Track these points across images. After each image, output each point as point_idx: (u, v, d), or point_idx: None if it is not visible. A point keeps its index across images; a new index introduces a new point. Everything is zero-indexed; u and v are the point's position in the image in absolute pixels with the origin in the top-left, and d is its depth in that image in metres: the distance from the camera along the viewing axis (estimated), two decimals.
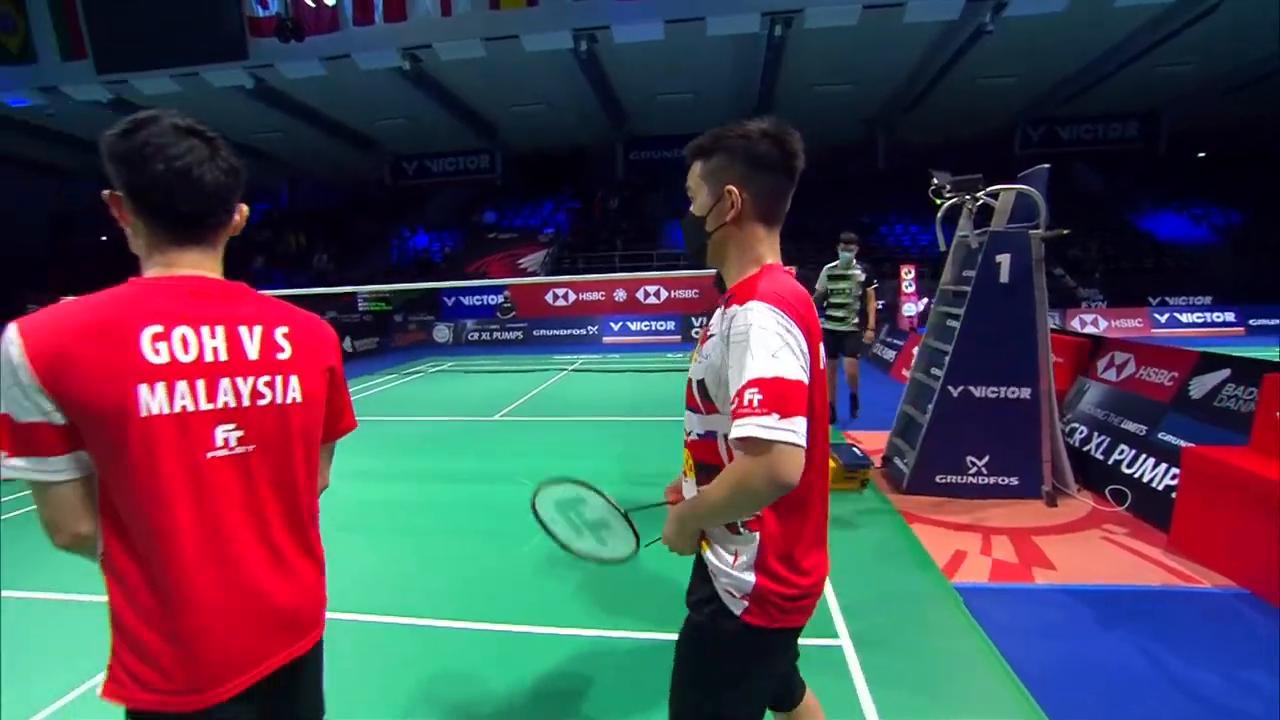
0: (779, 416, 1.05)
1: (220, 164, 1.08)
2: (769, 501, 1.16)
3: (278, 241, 21.50)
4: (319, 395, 1.20)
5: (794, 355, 1.11)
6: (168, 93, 14.62)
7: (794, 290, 1.21)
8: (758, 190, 1.24)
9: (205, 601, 1.05)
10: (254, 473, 1.10)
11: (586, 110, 19.24)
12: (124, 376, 0.97)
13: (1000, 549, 3.60)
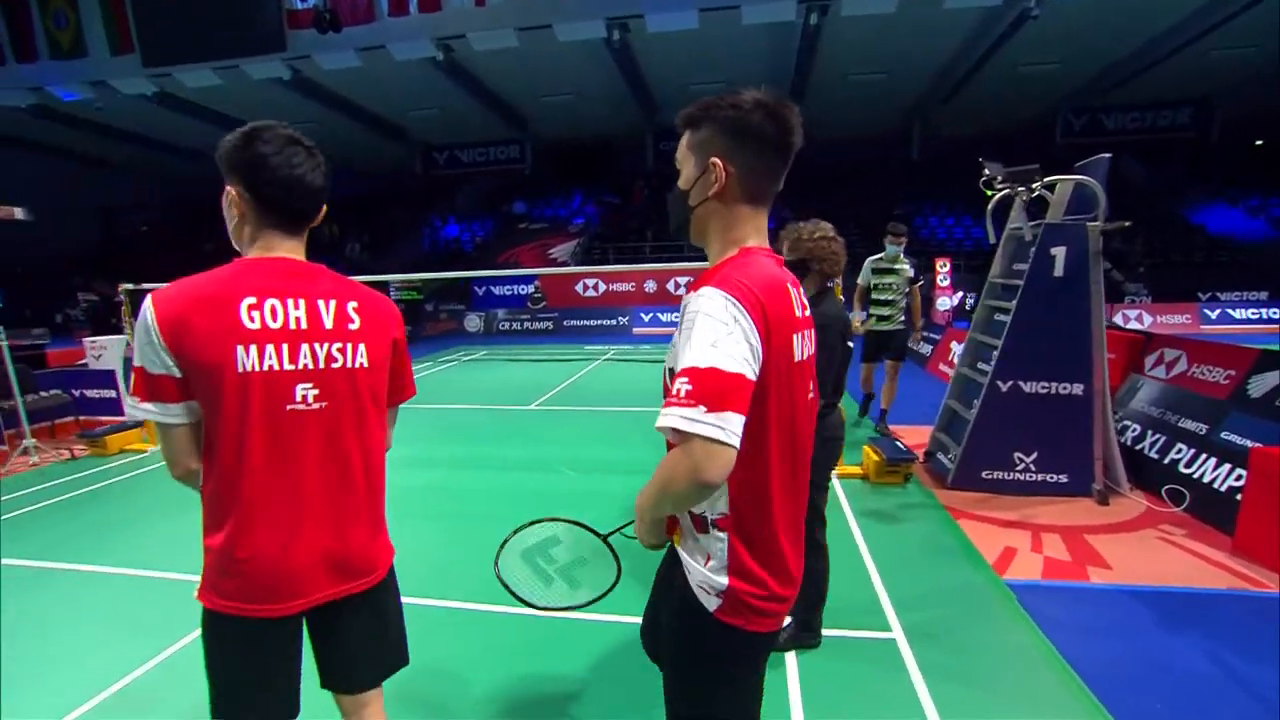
0: (705, 409, 0.97)
1: (321, 169, 1.32)
2: (694, 499, 1.10)
3: (312, 231, 21.90)
4: (383, 362, 1.37)
5: (737, 346, 1.01)
6: (209, 85, 14.97)
7: (765, 278, 1.10)
8: (745, 165, 1.13)
9: (269, 532, 1.24)
10: (325, 427, 1.28)
11: (618, 101, 19.16)
12: (226, 338, 1.17)
13: (1052, 547, 3.52)
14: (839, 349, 2.41)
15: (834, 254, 2.50)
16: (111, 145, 20.42)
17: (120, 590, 3.33)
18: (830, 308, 2.47)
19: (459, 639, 2.84)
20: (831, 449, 2.53)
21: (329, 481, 1.29)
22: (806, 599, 2.62)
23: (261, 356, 1.20)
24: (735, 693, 1.29)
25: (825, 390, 2.41)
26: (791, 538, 1.23)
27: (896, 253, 5.66)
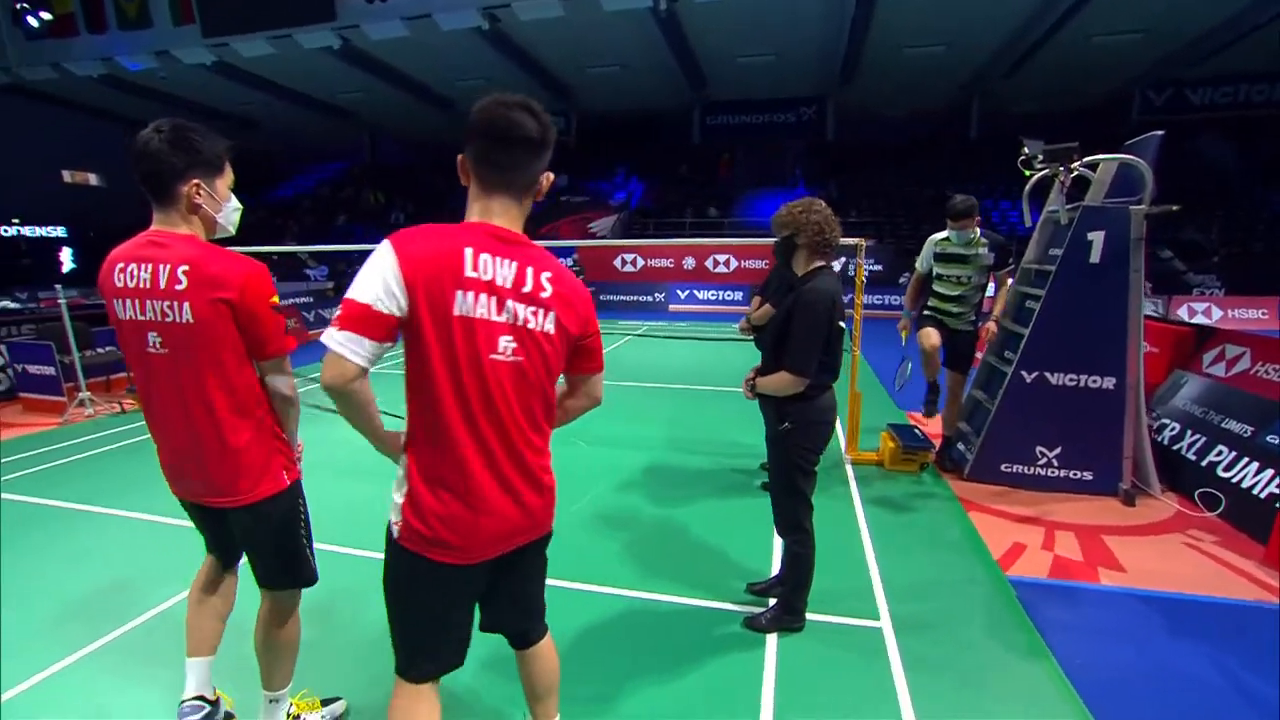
0: (336, 329, 1.23)
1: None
2: (334, 401, 1.31)
3: (359, 198, 22.44)
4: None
5: (373, 284, 1.23)
6: (263, 54, 15.35)
7: (441, 237, 1.29)
8: (471, 158, 1.35)
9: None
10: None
11: (664, 73, 18.82)
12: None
13: (1064, 545, 3.39)
14: (820, 328, 2.34)
15: (813, 225, 2.43)
16: (173, 114, 21.23)
17: (160, 534, 3.56)
18: (818, 283, 2.40)
19: None
20: (816, 433, 2.48)
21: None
22: (789, 582, 2.62)
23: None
24: (408, 616, 1.45)
25: (798, 365, 2.37)
26: (485, 487, 1.35)
27: (969, 238, 4.23)
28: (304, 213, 22.23)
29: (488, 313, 1.29)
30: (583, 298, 1.45)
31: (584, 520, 3.76)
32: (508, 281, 1.31)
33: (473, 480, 1.33)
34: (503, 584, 1.53)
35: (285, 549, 1.84)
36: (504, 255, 1.32)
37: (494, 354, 1.31)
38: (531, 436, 1.41)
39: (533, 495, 1.43)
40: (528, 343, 1.34)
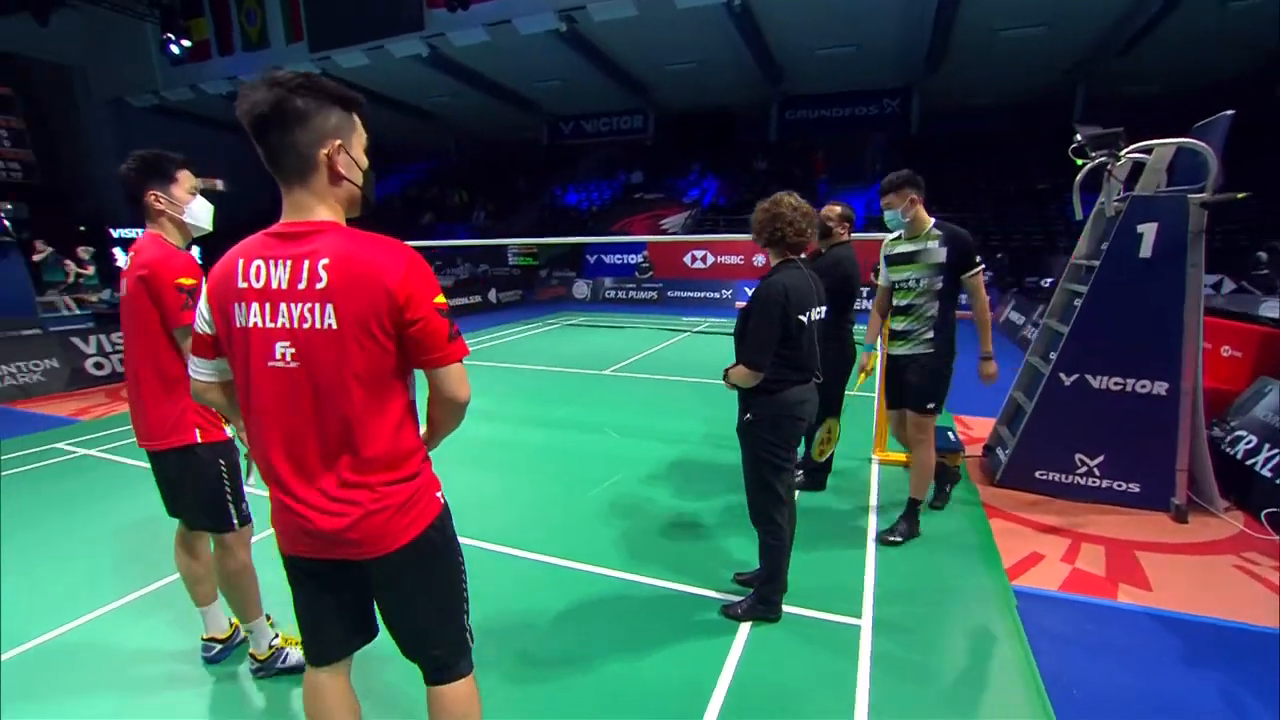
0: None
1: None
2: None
3: (444, 197, 23.65)
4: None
5: (200, 308, 1.42)
6: (358, 65, 16.51)
7: (228, 254, 1.34)
8: None
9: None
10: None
11: (740, 68, 18.59)
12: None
13: (1088, 558, 3.18)
14: (772, 322, 2.37)
15: (759, 223, 2.44)
16: None
17: None
18: (776, 277, 2.41)
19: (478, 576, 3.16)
20: (781, 427, 2.48)
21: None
22: (762, 573, 2.64)
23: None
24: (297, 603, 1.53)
25: (750, 358, 2.41)
26: (290, 487, 1.36)
27: (901, 222, 3.25)
28: (394, 212, 23.69)
29: (260, 320, 1.28)
30: (377, 278, 1.26)
31: (595, 505, 3.90)
32: (282, 283, 1.27)
33: (278, 480, 1.37)
34: (381, 601, 1.53)
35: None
36: (278, 256, 1.28)
37: (271, 361, 1.29)
38: (350, 433, 1.32)
39: (332, 513, 1.35)
40: (307, 345, 1.28)
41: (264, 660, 2.31)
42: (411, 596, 1.49)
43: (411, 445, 1.43)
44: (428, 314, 1.31)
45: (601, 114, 23.88)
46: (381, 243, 1.31)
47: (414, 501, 1.43)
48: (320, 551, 1.41)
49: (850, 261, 3.73)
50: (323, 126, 1.30)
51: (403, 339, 1.32)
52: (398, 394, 1.38)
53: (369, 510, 1.36)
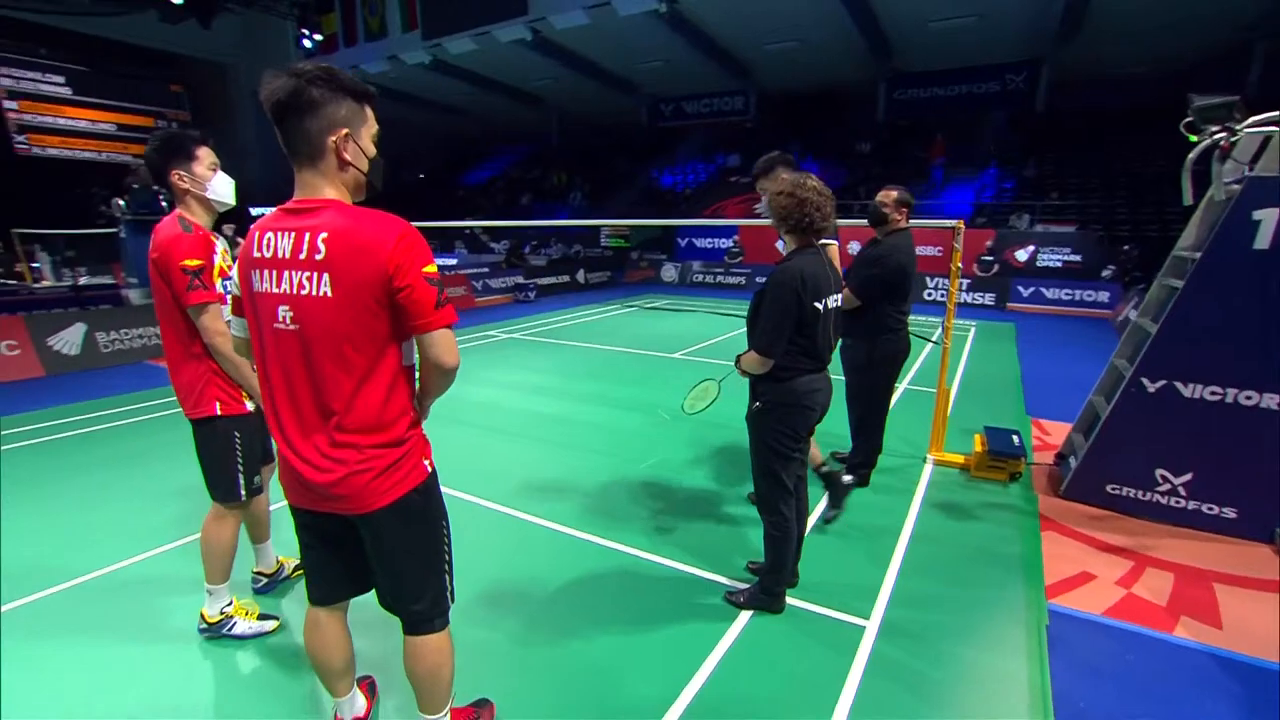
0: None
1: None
2: None
3: (544, 179, 24.34)
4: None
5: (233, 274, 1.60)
6: (467, 51, 17.30)
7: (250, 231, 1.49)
8: None
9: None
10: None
11: (845, 45, 17.68)
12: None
13: (1150, 585, 2.85)
14: (785, 309, 2.28)
15: (783, 209, 2.33)
16: (398, 107, 24.69)
17: None
18: (791, 264, 2.31)
19: (508, 542, 3.35)
20: (790, 416, 2.41)
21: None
22: (765, 564, 2.60)
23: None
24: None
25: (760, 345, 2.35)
26: (291, 440, 1.52)
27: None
28: (496, 192, 24.71)
29: (269, 286, 1.43)
30: (373, 250, 1.37)
31: (631, 483, 3.96)
32: (286, 253, 1.41)
33: (282, 435, 1.53)
34: (370, 552, 1.64)
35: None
36: (286, 228, 1.42)
37: (275, 324, 1.44)
38: (335, 404, 1.45)
39: (323, 467, 1.49)
40: (304, 310, 1.41)
41: (212, 624, 2.45)
42: (393, 554, 1.63)
43: (399, 412, 1.54)
44: (414, 281, 1.41)
45: (702, 95, 23.56)
46: (376, 217, 1.42)
47: (398, 466, 1.54)
48: (314, 504, 1.57)
49: (904, 250, 3.52)
50: (333, 115, 1.41)
51: (393, 305, 1.43)
52: (388, 361, 1.49)
53: (354, 469, 1.49)
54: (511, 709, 2.11)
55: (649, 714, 2.09)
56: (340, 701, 1.90)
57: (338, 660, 1.81)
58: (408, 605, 1.69)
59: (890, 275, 3.49)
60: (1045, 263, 13.35)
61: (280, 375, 1.49)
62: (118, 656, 2.38)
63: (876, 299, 3.55)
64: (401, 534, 1.61)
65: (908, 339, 3.71)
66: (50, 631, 2.52)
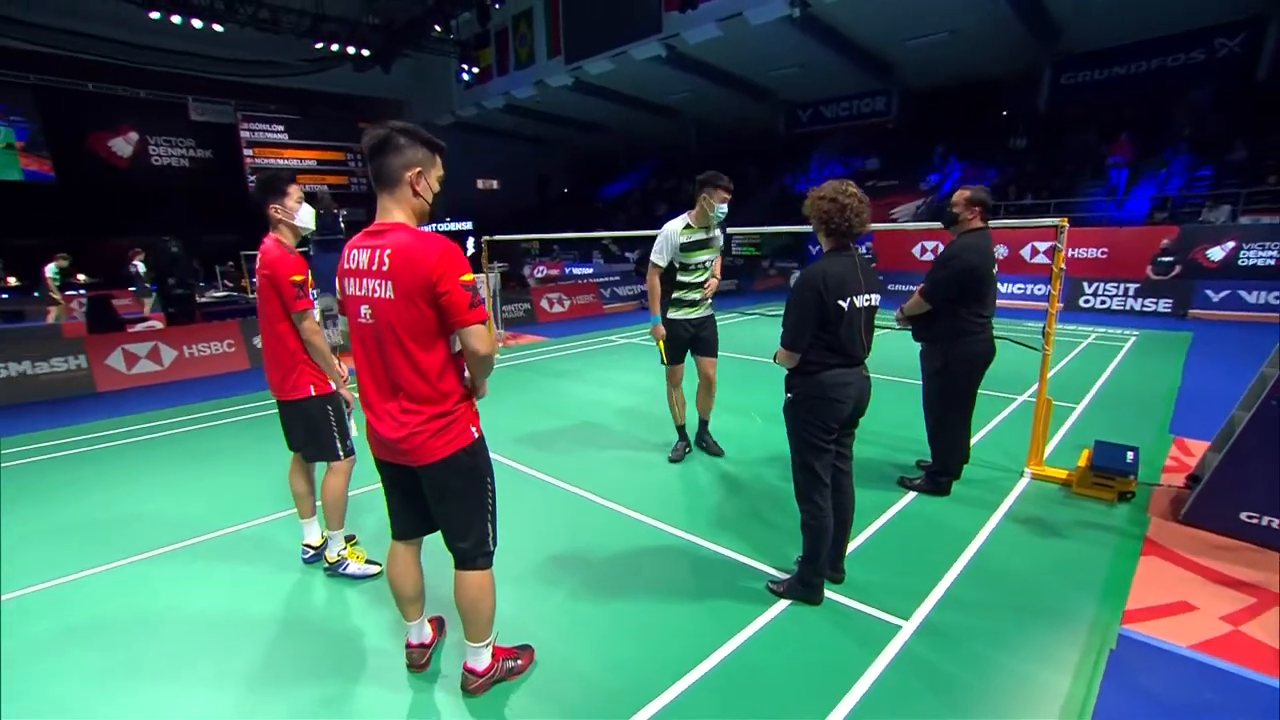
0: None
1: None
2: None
3: (678, 190, 24.86)
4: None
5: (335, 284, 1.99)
6: (605, 71, 18.26)
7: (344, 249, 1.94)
8: None
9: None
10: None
11: (1000, 31, 16.25)
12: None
13: (1269, 625, 2.49)
14: (807, 305, 2.40)
15: (824, 214, 2.40)
16: (544, 127, 26.53)
17: None
18: (819, 264, 2.43)
19: (573, 520, 3.69)
20: (821, 409, 2.47)
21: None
22: (803, 553, 2.66)
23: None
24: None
25: (786, 340, 2.50)
26: (372, 405, 1.95)
27: (724, 215, 3.96)
28: (632, 204, 25.65)
29: (355, 290, 1.88)
30: (421, 263, 1.76)
31: (702, 478, 4.12)
32: (363, 264, 1.85)
33: (367, 401, 1.97)
34: (429, 498, 2.04)
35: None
36: (366, 246, 1.86)
37: (359, 319, 1.89)
38: (400, 380, 1.87)
39: (394, 427, 1.90)
40: (376, 308, 1.84)
41: (332, 563, 3.00)
42: (444, 499, 2.03)
43: (449, 389, 1.94)
44: (452, 288, 1.81)
45: (840, 98, 22.81)
46: (428, 238, 1.84)
47: (447, 429, 1.94)
48: (390, 456, 2.01)
49: (974, 250, 3.37)
50: (411, 158, 1.86)
51: (437, 307, 1.84)
52: (439, 350, 1.90)
53: (414, 430, 1.91)
54: (554, 648, 2.41)
55: (672, 668, 2.29)
56: (411, 625, 2.33)
57: (410, 588, 2.23)
58: (456, 543, 2.07)
59: (958, 277, 3.36)
60: (1249, 260, 11.31)
61: (364, 358, 1.95)
62: (263, 578, 3.02)
63: (946, 301, 3.43)
64: (451, 484, 2.00)
65: (990, 342, 3.52)
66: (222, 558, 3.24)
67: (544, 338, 9.97)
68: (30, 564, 3.21)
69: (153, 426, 5.67)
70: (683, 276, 4.10)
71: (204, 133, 21.28)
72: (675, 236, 4.01)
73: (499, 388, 6.84)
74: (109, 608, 2.82)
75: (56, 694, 2.27)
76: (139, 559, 3.24)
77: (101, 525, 3.66)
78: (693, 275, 4.11)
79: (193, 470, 4.53)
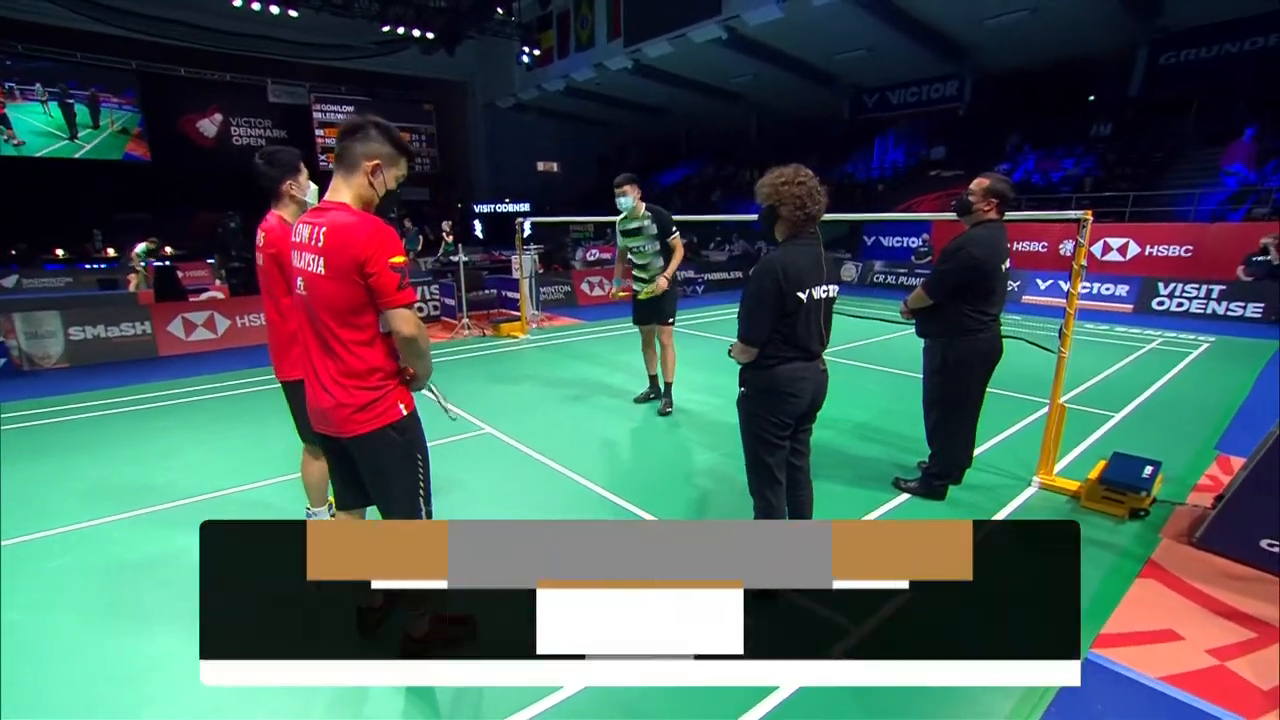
0: None
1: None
2: None
3: (735, 176, 24.43)
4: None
5: None
6: (664, 53, 18.09)
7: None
8: None
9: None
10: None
11: (1092, 7, 15.07)
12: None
13: (1262, 664, 2.27)
14: (764, 297, 2.31)
15: (795, 198, 2.30)
16: (605, 111, 26.50)
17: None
18: (775, 254, 2.36)
19: (567, 501, 3.75)
20: (773, 403, 2.39)
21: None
22: None
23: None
24: None
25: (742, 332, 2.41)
26: (308, 376, 2.00)
27: (629, 206, 4.77)
28: (690, 189, 25.38)
29: (297, 264, 1.94)
30: (352, 243, 1.80)
31: (696, 469, 4.10)
32: (304, 239, 1.91)
33: (306, 370, 2.03)
34: (361, 472, 2.10)
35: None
36: (308, 222, 1.91)
37: (296, 290, 1.98)
38: (333, 346, 1.92)
39: (324, 397, 1.97)
40: (309, 282, 1.90)
41: None
42: (372, 473, 2.09)
43: (374, 365, 1.98)
44: (380, 269, 1.85)
45: (909, 83, 21.76)
46: (363, 219, 1.89)
47: (374, 405, 1.99)
48: (322, 426, 2.07)
49: (980, 243, 3.17)
50: (375, 150, 1.93)
51: (367, 287, 1.89)
52: (366, 327, 1.95)
53: (340, 401, 1.97)
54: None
55: None
56: None
57: None
58: (388, 518, 2.11)
59: (961, 271, 3.17)
60: None
61: (302, 330, 2.02)
62: None
63: (947, 296, 3.24)
64: (379, 458, 2.04)
65: (996, 340, 3.32)
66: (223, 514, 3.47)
67: (580, 320, 10.06)
68: (61, 510, 3.54)
69: (198, 390, 6.10)
70: (631, 258, 5.04)
71: (280, 113, 22.49)
72: (617, 226, 5.06)
73: (511, 369, 6.98)
74: (121, 553, 3.07)
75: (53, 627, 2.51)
76: (158, 509, 3.52)
77: (131, 478, 3.98)
78: (637, 258, 4.98)
79: (221, 431, 4.86)
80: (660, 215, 4.86)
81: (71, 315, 7.36)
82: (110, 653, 2.36)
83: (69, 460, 4.28)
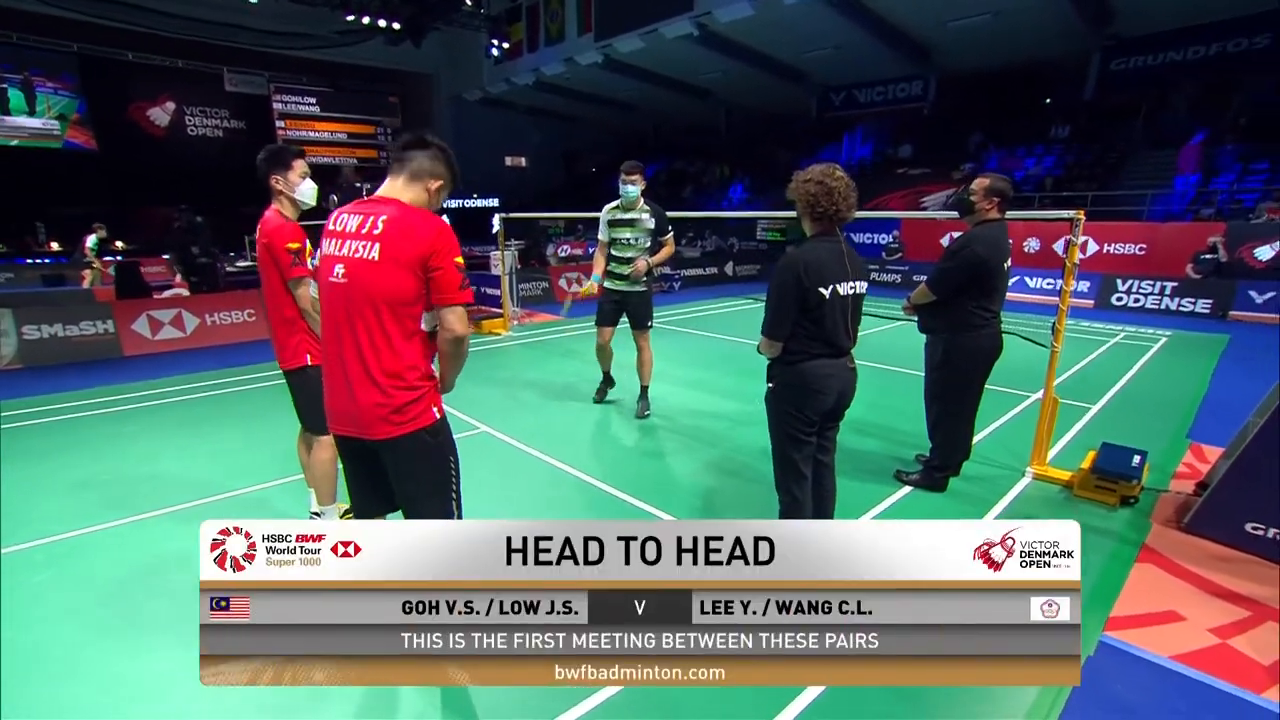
0: None
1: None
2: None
3: (705, 172, 24.56)
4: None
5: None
6: (635, 49, 18.02)
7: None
8: None
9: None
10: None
11: (1048, 14, 15.57)
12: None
13: (1259, 640, 2.41)
14: (786, 293, 2.35)
15: (811, 197, 2.32)
16: (574, 106, 26.27)
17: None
18: (797, 250, 2.37)
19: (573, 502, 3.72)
20: (800, 399, 2.43)
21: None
22: None
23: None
24: None
25: (765, 328, 2.45)
26: (333, 374, 1.93)
27: (635, 195, 4.65)
28: (660, 185, 25.40)
29: (333, 250, 1.86)
30: (420, 234, 1.79)
31: (693, 466, 4.12)
32: (349, 228, 1.85)
33: (329, 370, 1.94)
34: (390, 476, 1.99)
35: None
36: (359, 212, 1.86)
37: (330, 278, 1.87)
38: (371, 340, 1.84)
39: (364, 391, 1.86)
40: (352, 269, 1.82)
41: None
42: (403, 478, 2.00)
43: (413, 363, 1.91)
44: (446, 264, 1.83)
45: (876, 82, 22.18)
46: (429, 215, 1.87)
47: (409, 407, 1.91)
48: (349, 428, 1.95)
49: (984, 242, 3.26)
50: (440, 172, 1.96)
51: (427, 281, 1.85)
52: (409, 321, 1.88)
53: (376, 401, 1.88)
54: None
55: None
56: None
57: None
58: None
59: (964, 268, 3.26)
60: None
61: (330, 322, 1.92)
62: None
63: (950, 293, 3.34)
64: (412, 462, 1.96)
65: (997, 337, 3.43)
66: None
67: (559, 316, 10.00)
68: (43, 518, 3.36)
69: (172, 391, 5.85)
70: (614, 250, 4.81)
71: (238, 103, 21.57)
72: (605, 215, 4.83)
73: (497, 367, 6.91)
74: (113, 563, 2.93)
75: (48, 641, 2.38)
76: (144, 517, 3.37)
77: (112, 484, 3.80)
78: (621, 250, 4.78)
79: (204, 433, 4.67)
80: (660, 212, 4.81)
81: (26, 313, 6.98)
82: (114, 670, 2.25)
83: (43, 466, 4.06)
